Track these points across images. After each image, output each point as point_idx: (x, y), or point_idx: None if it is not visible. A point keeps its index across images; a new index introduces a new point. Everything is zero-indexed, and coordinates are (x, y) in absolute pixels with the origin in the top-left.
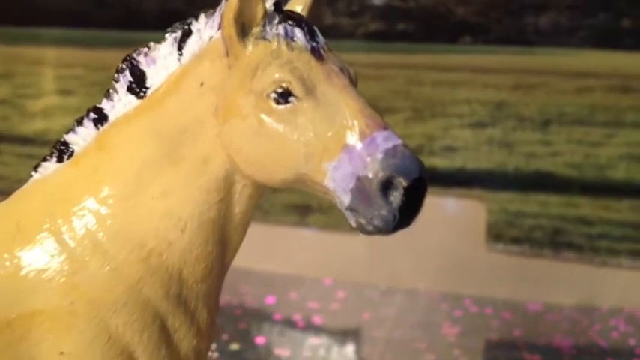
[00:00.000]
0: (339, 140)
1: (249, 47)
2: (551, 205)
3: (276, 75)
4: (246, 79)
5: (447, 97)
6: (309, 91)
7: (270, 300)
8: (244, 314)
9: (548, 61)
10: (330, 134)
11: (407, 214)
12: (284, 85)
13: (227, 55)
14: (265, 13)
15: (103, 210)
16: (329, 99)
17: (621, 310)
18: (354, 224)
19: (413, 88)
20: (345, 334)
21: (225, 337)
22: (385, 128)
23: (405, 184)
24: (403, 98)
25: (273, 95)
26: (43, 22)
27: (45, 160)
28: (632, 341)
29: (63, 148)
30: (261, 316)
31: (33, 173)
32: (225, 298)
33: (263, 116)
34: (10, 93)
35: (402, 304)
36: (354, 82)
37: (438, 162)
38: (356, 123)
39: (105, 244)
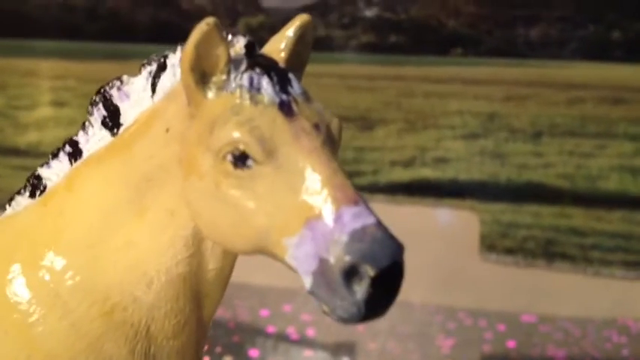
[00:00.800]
0: (301, 213)
1: (211, 97)
2: (544, 215)
3: (234, 135)
4: (204, 134)
5: (439, 108)
6: (271, 154)
7: (264, 313)
8: (238, 327)
9: (539, 73)
10: (291, 206)
11: (376, 306)
12: (241, 147)
13: (189, 103)
14: (229, 59)
15: (65, 258)
16: (293, 164)
17: (615, 321)
18: (319, 308)
19: (405, 100)
20: (339, 347)
21: (218, 350)
22: (356, 203)
23: (372, 273)
24: (395, 110)
25: (230, 158)
26: (35, 35)
27: (19, 193)
28: (625, 352)
29: (36, 182)
30: (255, 329)
31: (7, 206)
32: (218, 311)
33: (220, 179)
34: (3, 104)
35: (396, 317)
36: (334, 138)
37: (430, 173)
38: (322, 195)
39: (64, 296)
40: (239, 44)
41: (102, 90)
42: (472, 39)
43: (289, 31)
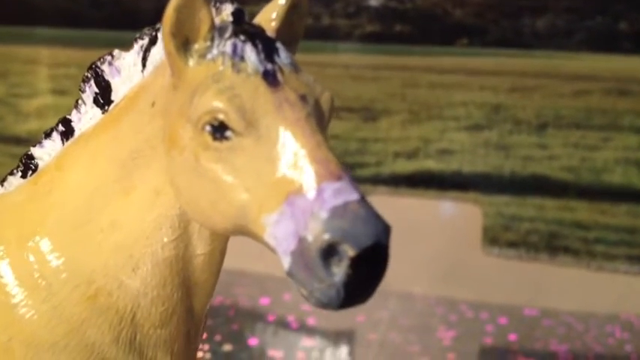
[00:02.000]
0: (281, 188)
1: (192, 65)
2: (548, 208)
3: (212, 104)
4: (185, 104)
5: (444, 99)
6: (251, 125)
7: (264, 301)
8: (237, 315)
9: (545, 64)
10: (271, 180)
11: (356, 290)
12: (220, 116)
13: (172, 73)
14: (212, 25)
15: (51, 239)
16: (274, 136)
17: (618, 316)
18: (298, 291)
19: (409, 91)
20: (338, 336)
21: (218, 338)
22: (339, 178)
23: (351, 253)
24: (399, 100)
25: (208, 128)
26: (37, 22)
27: (11, 173)
28: (628, 347)
29: (28, 162)
30: (255, 317)
31: None
32: (218, 299)
33: (199, 151)
34: (4, 92)
35: (397, 307)
36: (322, 111)
37: (433, 165)
38: (303, 168)
39: (48, 278)
40: (226, 12)
41: (93, 66)
42: (478, 29)
43: (281, 0)
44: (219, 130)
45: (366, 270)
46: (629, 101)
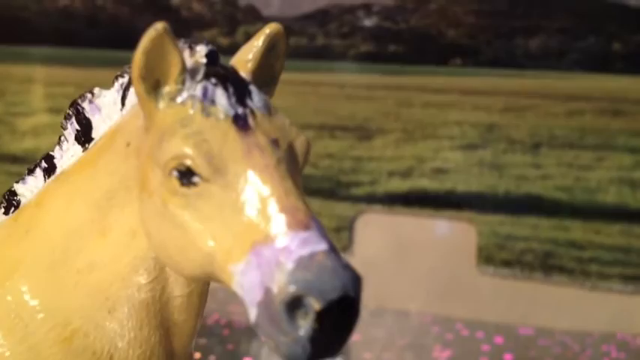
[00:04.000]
0: (247, 237)
1: (163, 108)
2: (542, 228)
3: (179, 149)
4: (154, 148)
5: (438, 118)
6: (219, 171)
7: None
8: (232, 334)
9: (538, 84)
10: (238, 228)
11: (323, 345)
12: (187, 162)
13: (144, 116)
14: (184, 68)
15: (28, 279)
16: (242, 182)
17: (614, 335)
18: (265, 344)
19: (403, 110)
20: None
21: (212, 358)
22: (307, 227)
23: (317, 306)
24: (393, 120)
25: (175, 173)
26: (33, 41)
27: None
28: None
29: (11, 198)
30: (250, 336)
31: None
32: (213, 317)
33: (167, 196)
34: (1, 111)
35: (392, 326)
36: (296, 155)
37: (428, 184)
38: (269, 217)
39: (25, 318)
40: (200, 53)
41: (74, 103)
42: (471, 49)
43: (258, 41)
44: (187, 175)
45: (333, 323)
46: (623, 121)
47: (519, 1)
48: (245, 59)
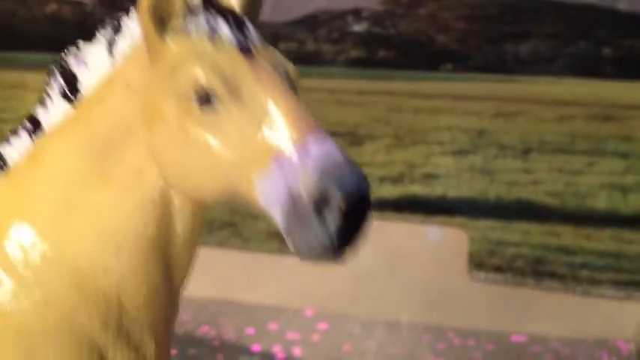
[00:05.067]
0: (268, 147)
1: (170, 42)
2: (533, 233)
3: (197, 75)
4: (166, 79)
5: (428, 124)
6: (234, 91)
7: (249, 331)
8: (222, 346)
9: (528, 90)
10: (258, 141)
11: (347, 237)
12: (205, 86)
13: (148, 51)
14: (186, 4)
15: (32, 229)
16: (257, 100)
17: (606, 341)
18: (291, 248)
19: (394, 115)
20: None
21: None
22: (319, 133)
23: (342, 202)
24: (384, 125)
25: (195, 98)
26: (23, 47)
27: None
28: None
29: None
30: (240, 348)
31: None
32: (203, 329)
33: (186, 121)
34: None
35: (384, 336)
36: (291, 80)
37: (419, 189)
38: (287, 127)
39: (34, 267)
40: None
41: (59, 59)
42: (461, 55)
43: None
44: (205, 98)
45: (353, 217)
46: (613, 126)
47: (509, 7)
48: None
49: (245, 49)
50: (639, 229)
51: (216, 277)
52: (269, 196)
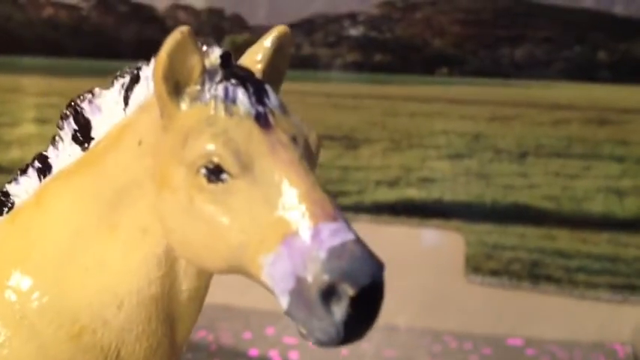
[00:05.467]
0: (277, 229)
1: (184, 109)
2: (529, 237)
3: (207, 147)
4: (177, 147)
5: (424, 128)
6: (246, 167)
7: (246, 336)
8: (219, 351)
9: (524, 94)
10: (267, 221)
11: (355, 328)
12: (215, 160)
13: (162, 115)
14: (204, 69)
15: (32, 278)
16: (270, 178)
17: (602, 344)
18: (297, 330)
19: (390, 119)
20: None
21: None
22: (335, 218)
23: (351, 292)
24: (380, 129)
25: (203, 171)
26: (20, 51)
27: None
28: None
29: (3, 199)
30: (237, 352)
31: None
32: (200, 333)
33: (193, 193)
34: None
35: (381, 340)
36: (311, 152)
37: (415, 193)
38: (299, 210)
39: (31, 318)
40: (214, 55)
41: (73, 103)
42: (457, 59)
43: (266, 42)
44: (215, 173)
45: (362, 307)
46: (609, 130)
47: (504, 11)
48: (255, 60)
49: (263, 120)
50: (635, 232)
51: (213, 282)
52: (276, 279)
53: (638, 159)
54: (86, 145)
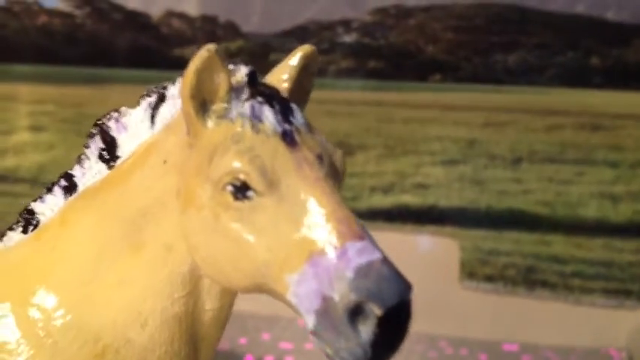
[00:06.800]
0: (304, 248)
1: (211, 126)
2: (524, 242)
3: (234, 164)
4: (204, 164)
5: (418, 134)
6: (273, 185)
7: (242, 341)
8: (216, 356)
9: (517, 100)
10: (293, 240)
11: (382, 348)
12: (241, 177)
13: (188, 133)
14: (230, 87)
15: (57, 296)
16: (296, 196)
17: (598, 350)
18: (321, 350)
19: (384, 126)
20: None
21: None
22: (361, 237)
23: (378, 312)
24: (374, 135)
25: (230, 188)
26: (13, 59)
27: (11, 228)
28: None
29: (29, 217)
30: (233, 357)
31: None
32: None
33: (219, 211)
34: None
35: None
36: (337, 170)
37: (410, 199)
38: (326, 228)
39: (54, 336)
40: (240, 73)
41: (99, 122)
42: (450, 65)
43: (292, 60)
44: (241, 190)
45: (389, 327)
46: (602, 136)
47: (497, 18)
48: (280, 78)
49: (289, 138)
50: (629, 237)
51: None
52: (301, 298)
53: (632, 164)
54: (112, 163)
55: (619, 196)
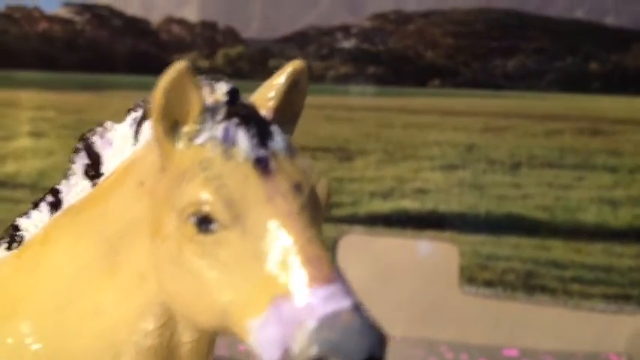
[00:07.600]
0: (267, 290)
1: (181, 149)
2: (524, 247)
3: (198, 194)
4: (172, 190)
5: (418, 139)
6: (239, 217)
7: (242, 348)
8: None
9: (516, 105)
10: (257, 279)
11: None
12: (205, 208)
13: (160, 155)
14: (204, 107)
15: (31, 321)
16: (262, 230)
17: (597, 355)
18: None
19: (383, 131)
20: None
21: None
22: (330, 280)
23: None
24: (374, 140)
25: (193, 219)
26: (14, 65)
27: None
28: None
29: (14, 233)
30: None
31: None
32: None
33: (183, 243)
34: None
35: None
36: (316, 202)
37: (409, 204)
38: (291, 268)
39: None
40: (220, 90)
41: (85, 137)
42: (450, 70)
43: (280, 78)
44: (205, 222)
45: None
46: (601, 141)
47: (496, 23)
48: (267, 97)
49: (262, 166)
50: (629, 242)
51: None
52: (263, 346)
53: (631, 169)
54: (96, 180)
55: (618, 201)
